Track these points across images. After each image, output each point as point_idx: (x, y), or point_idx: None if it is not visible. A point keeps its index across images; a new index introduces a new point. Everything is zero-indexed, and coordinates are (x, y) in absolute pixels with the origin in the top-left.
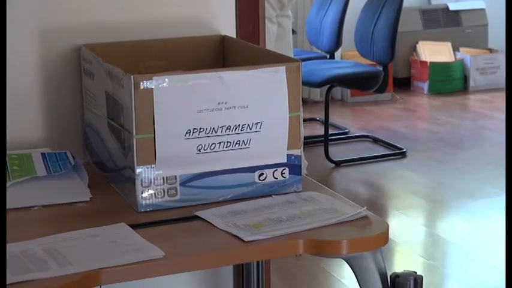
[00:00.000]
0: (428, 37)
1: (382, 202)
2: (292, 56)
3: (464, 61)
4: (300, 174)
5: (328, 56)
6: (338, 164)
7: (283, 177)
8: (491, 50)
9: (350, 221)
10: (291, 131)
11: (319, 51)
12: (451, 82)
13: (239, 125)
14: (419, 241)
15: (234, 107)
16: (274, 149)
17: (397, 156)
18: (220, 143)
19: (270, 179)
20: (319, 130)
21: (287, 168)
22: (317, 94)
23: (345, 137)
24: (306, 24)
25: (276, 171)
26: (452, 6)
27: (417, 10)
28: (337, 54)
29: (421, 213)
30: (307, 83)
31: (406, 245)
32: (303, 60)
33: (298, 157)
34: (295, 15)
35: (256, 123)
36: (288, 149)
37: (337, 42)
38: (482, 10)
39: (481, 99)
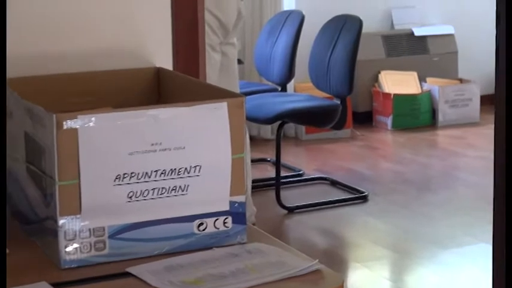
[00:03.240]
0: (392, 66)
1: (341, 253)
2: (238, 89)
3: (431, 93)
4: (245, 223)
5: (279, 89)
6: (291, 210)
7: (225, 227)
8: (461, 80)
9: (300, 276)
10: (234, 174)
11: (270, 83)
12: (417, 116)
13: (175, 169)
14: None
15: (170, 149)
16: (215, 195)
17: (357, 201)
18: (154, 189)
19: (210, 229)
20: (270, 172)
21: (230, 217)
22: (268, 131)
23: (299, 179)
24: (254, 53)
25: (217, 221)
26: (417, 32)
27: (379, 36)
28: (290, 86)
29: (384, 265)
30: (256, 119)
31: None
32: (252, 93)
33: (242, 204)
34: (241, 42)
35: (195, 167)
36: (231, 195)
37: (289, 73)
38: (451, 36)
39: (451, 135)
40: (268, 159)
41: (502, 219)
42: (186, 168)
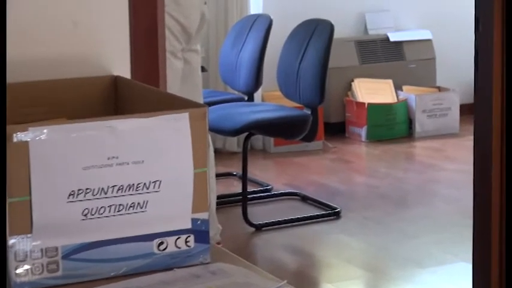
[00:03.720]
0: (366, 73)
1: (312, 273)
2: (202, 99)
3: (408, 102)
4: (208, 242)
5: (246, 98)
6: (259, 227)
7: (187, 246)
8: (440, 89)
9: None
10: (196, 190)
11: (236, 93)
12: (393, 127)
13: (133, 184)
14: None
15: (127, 163)
16: (177, 212)
17: (330, 217)
18: (110, 206)
19: (171, 248)
20: (236, 187)
21: (192, 236)
22: (233, 144)
23: (267, 195)
24: (218, 60)
25: (178, 239)
26: (393, 37)
27: (352, 41)
28: (257, 95)
29: (359, 285)
30: (221, 131)
31: None
32: (216, 103)
33: (205, 222)
34: (205, 49)
35: (154, 182)
36: (193, 212)
37: (257, 81)
38: (428, 41)
39: (428, 147)
40: (234, 173)
41: (482, 236)
42: (145, 184)
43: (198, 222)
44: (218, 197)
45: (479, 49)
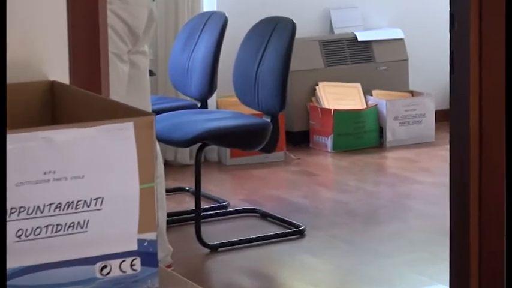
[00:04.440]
0: (331, 77)
1: None
2: (150, 106)
3: (378, 108)
4: (157, 265)
5: (199, 105)
6: (214, 248)
7: (133, 270)
8: (413, 93)
9: None
10: (143, 208)
11: (188, 99)
12: (362, 136)
13: (73, 202)
14: None
15: (66, 178)
16: (121, 232)
17: (293, 236)
18: (47, 226)
19: (115, 272)
20: (189, 203)
21: (138, 258)
22: (186, 155)
23: (223, 212)
24: (168, 63)
25: (123, 263)
26: (361, 36)
27: (316, 41)
28: (211, 102)
29: None
30: (171, 141)
31: None
32: (166, 110)
33: (153, 243)
34: (154, 51)
35: (96, 199)
36: (140, 232)
37: (211, 86)
38: (400, 41)
39: (402, 157)
40: (187, 188)
41: (460, 256)
42: (85, 201)
43: (145, 243)
44: (169, 215)
45: (455, 49)
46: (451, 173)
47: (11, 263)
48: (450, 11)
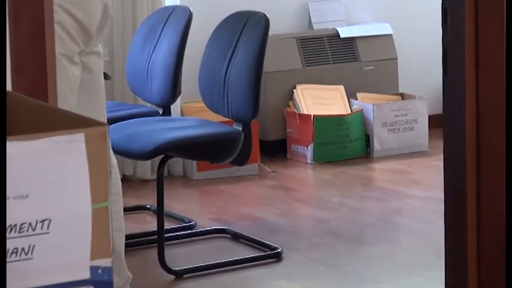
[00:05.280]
0: (311, 78)
1: None
2: (105, 114)
3: (364, 113)
4: None
5: (160, 112)
6: (180, 274)
7: None
8: (403, 96)
9: None
10: (96, 230)
11: (148, 105)
12: (346, 145)
13: (16, 225)
14: None
15: (8, 198)
16: (71, 259)
17: (268, 260)
18: None
19: None
20: (151, 224)
21: None
22: (146, 169)
23: (189, 233)
24: (126, 65)
25: None
26: (344, 32)
27: (292, 38)
28: (175, 108)
29: None
30: (130, 154)
31: None
32: (124, 118)
33: (107, 270)
34: (109, 51)
35: (42, 221)
36: (92, 258)
37: (174, 90)
38: (388, 37)
39: (391, 169)
40: (148, 206)
41: (457, 281)
42: (30, 224)
43: (99, 270)
44: (127, 237)
45: (448, 47)
46: (446, 187)
47: None
48: (442, 4)
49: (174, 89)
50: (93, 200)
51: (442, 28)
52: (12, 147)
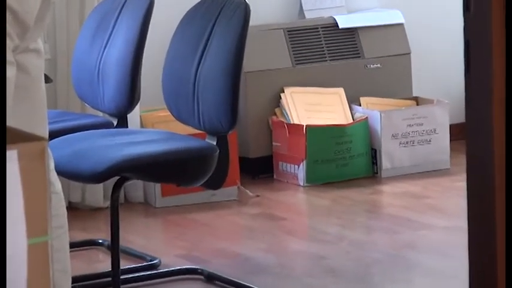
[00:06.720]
0: (303, 79)
1: None
2: (46, 125)
3: (370, 122)
4: None
5: (115, 123)
6: None
7: None
8: (418, 101)
9: None
10: (32, 271)
11: (99, 114)
12: (346, 162)
13: None
14: None
15: None
16: None
17: None
18: None
19: None
20: (104, 263)
21: None
22: (98, 195)
23: (152, 273)
24: (71, 65)
25: None
26: (343, 22)
27: (280, 30)
28: (133, 118)
29: None
30: (77, 176)
31: None
32: (70, 130)
33: None
34: (51, 48)
35: None
36: None
37: (131, 96)
38: (399, 27)
39: (403, 192)
40: (100, 241)
41: None
42: None
43: None
44: (75, 280)
45: (471, 39)
46: (469, 215)
47: None
48: None
49: (131, 94)
50: (29, 234)
51: (464, 17)
52: None
